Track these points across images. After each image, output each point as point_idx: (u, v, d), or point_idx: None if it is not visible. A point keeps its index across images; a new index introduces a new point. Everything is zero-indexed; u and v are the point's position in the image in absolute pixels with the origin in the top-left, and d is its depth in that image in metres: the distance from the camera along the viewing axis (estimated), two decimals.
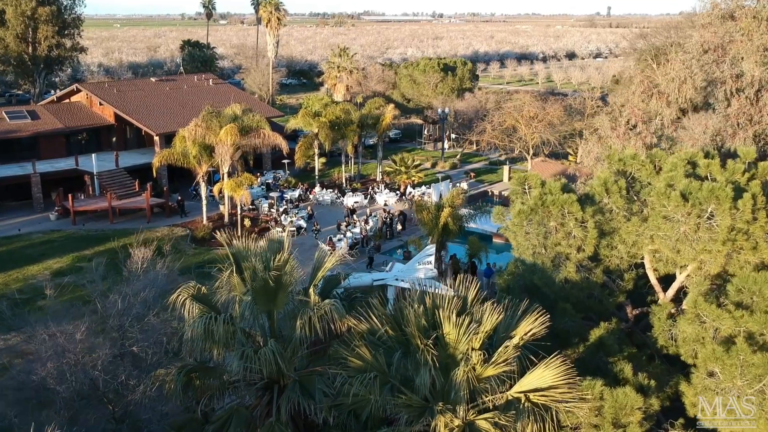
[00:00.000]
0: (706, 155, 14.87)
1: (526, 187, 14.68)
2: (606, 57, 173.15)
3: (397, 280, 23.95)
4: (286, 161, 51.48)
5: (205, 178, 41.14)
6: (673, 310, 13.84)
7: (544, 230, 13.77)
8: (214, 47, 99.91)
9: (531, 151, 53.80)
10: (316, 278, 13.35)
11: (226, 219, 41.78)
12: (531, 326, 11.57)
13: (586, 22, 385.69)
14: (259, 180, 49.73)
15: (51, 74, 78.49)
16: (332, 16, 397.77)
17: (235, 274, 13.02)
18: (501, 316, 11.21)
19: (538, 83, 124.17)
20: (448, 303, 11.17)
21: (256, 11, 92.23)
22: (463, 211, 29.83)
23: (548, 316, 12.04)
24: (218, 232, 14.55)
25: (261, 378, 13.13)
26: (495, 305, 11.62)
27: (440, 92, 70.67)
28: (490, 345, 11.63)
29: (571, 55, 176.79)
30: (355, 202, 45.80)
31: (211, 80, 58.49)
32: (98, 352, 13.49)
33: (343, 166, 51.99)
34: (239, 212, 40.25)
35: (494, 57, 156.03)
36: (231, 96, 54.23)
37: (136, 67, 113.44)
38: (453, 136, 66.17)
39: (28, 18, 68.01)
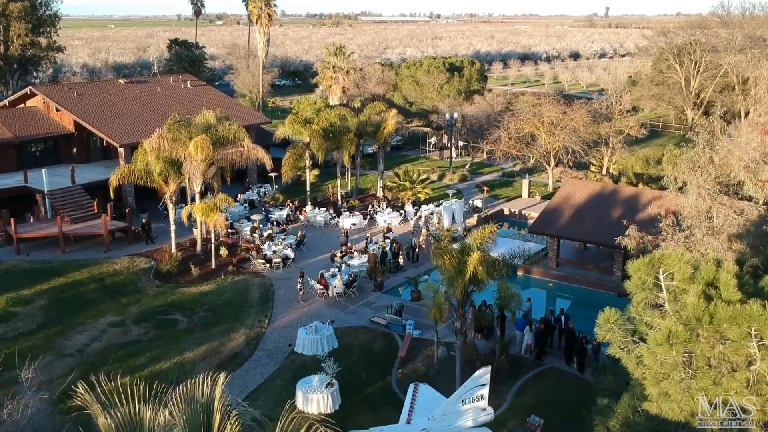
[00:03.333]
0: None
1: (662, 276, 8.13)
2: (611, 57, 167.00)
3: None
4: (273, 174, 44.91)
5: (174, 198, 34.58)
6: None
7: (715, 372, 7.27)
8: (203, 47, 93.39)
9: (553, 162, 47.31)
10: None
11: (199, 247, 35.19)
12: None
13: (585, 22, 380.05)
14: (241, 197, 43.28)
15: (26, 75, 72.56)
16: (329, 16, 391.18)
17: None
18: None
19: (544, 84, 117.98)
20: None
21: (246, 7, 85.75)
22: (498, 252, 22.90)
23: None
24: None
25: None
26: None
27: (446, 94, 64.22)
28: None
29: (575, 56, 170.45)
30: (353, 224, 39.22)
31: (188, 82, 51.69)
32: None
33: (338, 180, 45.31)
34: (213, 238, 33.65)
35: (496, 57, 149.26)
36: (211, 100, 47.73)
37: (122, 68, 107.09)
38: (461, 143, 59.56)
39: None
